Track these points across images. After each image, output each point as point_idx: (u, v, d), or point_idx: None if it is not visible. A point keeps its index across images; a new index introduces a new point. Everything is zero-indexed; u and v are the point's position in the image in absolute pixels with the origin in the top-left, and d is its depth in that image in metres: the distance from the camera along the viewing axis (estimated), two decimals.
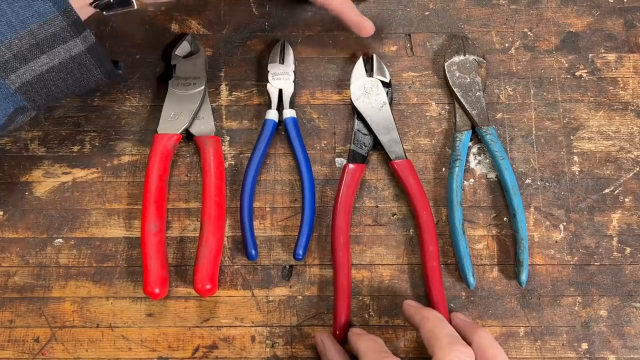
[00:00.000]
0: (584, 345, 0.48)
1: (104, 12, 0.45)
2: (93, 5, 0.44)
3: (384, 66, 0.54)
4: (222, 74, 0.55)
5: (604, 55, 0.55)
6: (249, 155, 0.51)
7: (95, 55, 0.43)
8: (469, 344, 0.41)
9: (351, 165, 0.50)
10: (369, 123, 0.52)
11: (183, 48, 0.53)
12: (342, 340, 0.47)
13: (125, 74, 0.49)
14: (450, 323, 0.45)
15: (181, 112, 0.51)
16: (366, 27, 0.51)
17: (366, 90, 0.52)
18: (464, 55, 0.54)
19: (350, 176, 0.50)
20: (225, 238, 0.50)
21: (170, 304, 0.49)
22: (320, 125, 0.54)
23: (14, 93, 0.41)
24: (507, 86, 0.54)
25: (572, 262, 0.50)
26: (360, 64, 0.53)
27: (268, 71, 0.53)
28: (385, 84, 0.53)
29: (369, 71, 0.53)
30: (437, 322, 0.42)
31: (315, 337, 0.47)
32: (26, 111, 0.44)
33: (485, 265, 0.50)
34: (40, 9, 0.39)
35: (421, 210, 0.49)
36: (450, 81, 0.53)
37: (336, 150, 0.53)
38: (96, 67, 0.44)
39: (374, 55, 0.54)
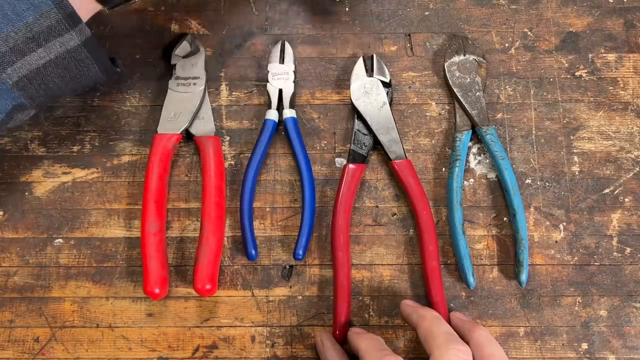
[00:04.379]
0: (584, 345, 0.48)
1: (107, 10, 0.45)
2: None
3: (384, 66, 0.54)
4: (222, 74, 0.55)
5: (604, 55, 0.55)
6: (249, 155, 0.51)
7: (91, 50, 0.43)
8: (467, 342, 0.41)
9: (351, 165, 0.50)
10: (369, 123, 0.52)
11: (183, 48, 0.53)
12: (342, 341, 0.47)
13: (125, 73, 0.49)
14: (450, 322, 0.45)
15: (181, 112, 0.51)
16: None
17: (366, 90, 0.52)
18: (464, 55, 0.54)
19: (350, 176, 0.50)
20: (225, 238, 0.50)
21: (170, 304, 0.49)
22: (320, 125, 0.53)
23: (11, 89, 0.41)
24: (507, 86, 0.54)
25: (572, 262, 0.50)
26: (360, 64, 0.53)
27: (268, 71, 0.53)
28: (385, 84, 0.53)
29: (369, 71, 0.53)
30: (434, 321, 0.42)
31: (315, 337, 0.47)
32: (25, 109, 0.44)
33: (485, 265, 0.50)
34: (36, 1, 0.40)
35: (421, 210, 0.49)
36: (450, 81, 0.53)
37: (336, 150, 0.53)
38: (92, 62, 0.44)
39: (374, 55, 0.54)
